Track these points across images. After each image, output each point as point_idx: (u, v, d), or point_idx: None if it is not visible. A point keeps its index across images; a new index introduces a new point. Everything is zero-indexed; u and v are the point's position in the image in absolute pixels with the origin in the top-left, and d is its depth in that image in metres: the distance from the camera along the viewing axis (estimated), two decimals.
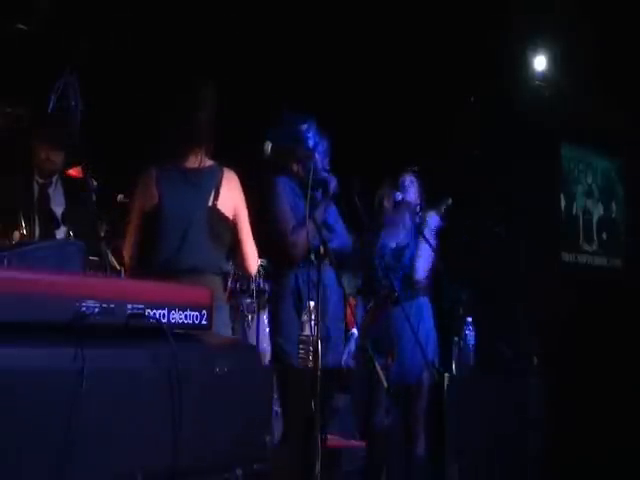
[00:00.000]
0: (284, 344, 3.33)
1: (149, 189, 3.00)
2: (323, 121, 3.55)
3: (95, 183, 3.42)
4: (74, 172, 3.48)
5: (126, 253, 3.06)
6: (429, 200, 4.35)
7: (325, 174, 3.35)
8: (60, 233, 3.37)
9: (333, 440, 4.60)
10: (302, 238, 3.21)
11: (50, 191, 3.48)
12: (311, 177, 3.26)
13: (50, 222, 3.38)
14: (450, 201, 4.41)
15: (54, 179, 3.51)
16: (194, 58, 4.84)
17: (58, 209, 3.46)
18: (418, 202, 4.23)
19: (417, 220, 4.14)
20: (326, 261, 3.14)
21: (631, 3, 5.04)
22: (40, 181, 3.47)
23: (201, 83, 3.11)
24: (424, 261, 4.15)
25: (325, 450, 2.92)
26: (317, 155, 3.42)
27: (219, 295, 3.09)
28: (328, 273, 3.29)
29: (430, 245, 4.02)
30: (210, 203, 3.04)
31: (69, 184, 3.50)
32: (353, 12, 4.87)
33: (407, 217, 4.19)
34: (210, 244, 3.04)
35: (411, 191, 4.22)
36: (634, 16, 5.09)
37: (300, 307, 3.32)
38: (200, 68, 4.72)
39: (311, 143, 3.43)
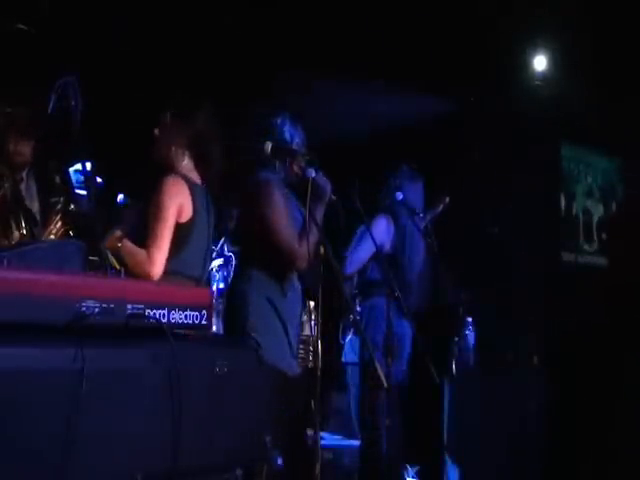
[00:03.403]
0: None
1: (185, 200, 2.90)
2: (322, 122, 3.54)
3: (100, 180, 3.38)
4: None
5: (159, 260, 2.80)
6: (428, 199, 4.35)
7: (312, 174, 3.12)
8: (38, 230, 3.32)
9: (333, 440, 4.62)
10: (306, 249, 3.06)
11: (22, 187, 3.42)
12: (290, 179, 3.26)
13: (29, 220, 3.33)
14: (447, 199, 4.41)
15: (24, 174, 3.45)
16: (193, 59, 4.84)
17: (34, 205, 3.41)
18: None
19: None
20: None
21: (631, 3, 5.03)
22: (11, 180, 3.40)
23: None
24: (356, 255, 4.10)
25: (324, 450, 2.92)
26: (295, 147, 3.29)
27: None
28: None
29: (374, 241, 3.75)
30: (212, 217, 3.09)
31: (42, 178, 3.44)
32: (350, 10, 4.86)
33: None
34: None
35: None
36: (634, 16, 5.08)
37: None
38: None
39: (287, 136, 3.32)
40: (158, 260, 2.79)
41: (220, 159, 3.05)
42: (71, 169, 3.42)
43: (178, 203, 2.87)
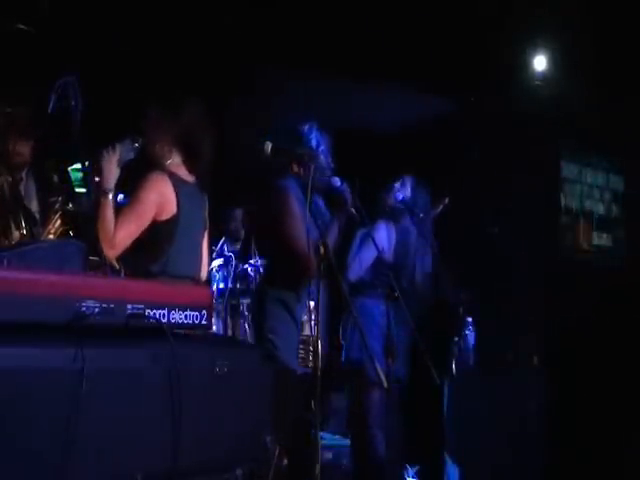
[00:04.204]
0: (280, 348, 3.28)
1: (167, 197, 2.87)
2: (324, 121, 3.55)
3: (97, 179, 3.37)
4: None
5: (120, 242, 2.77)
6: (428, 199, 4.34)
7: (337, 184, 3.34)
8: (37, 230, 3.32)
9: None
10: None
11: (21, 187, 3.43)
12: (313, 183, 3.22)
13: (29, 219, 3.33)
14: (447, 200, 4.41)
15: (23, 175, 3.45)
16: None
17: (32, 205, 3.42)
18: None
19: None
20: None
21: (631, 3, 5.03)
22: (9, 179, 3.41)
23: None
24: (358, 262, 4.07)
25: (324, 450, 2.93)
26: (321, 155, 3.41)
27: None
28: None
29: (376, 247, 3.77)
30: (205, 213, 3.09)
31: (40, 177, 3.44)
32: (350, 10, 4.86)
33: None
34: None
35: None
36: (634, 16, 5.08)
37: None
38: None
39: (314, 143, 3.43)
40: (119, 242, 2.75)
41: (209, 155, 3.01)
42: (70, 168, 3.42)
43: (158, 200, 2.83)
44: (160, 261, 2.84)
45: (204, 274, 3.19)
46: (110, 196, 2.79)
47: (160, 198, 2.84)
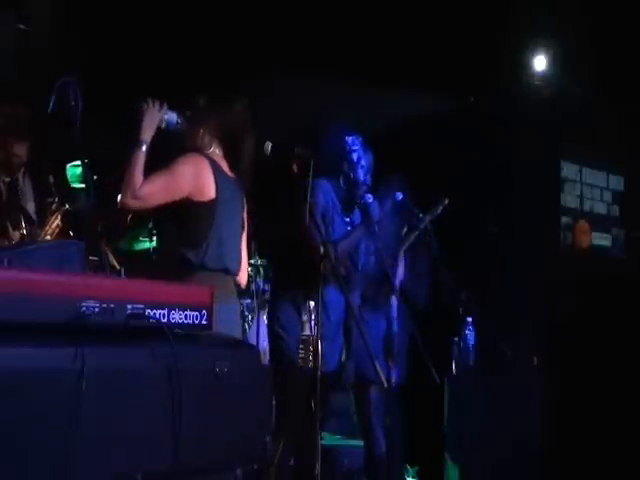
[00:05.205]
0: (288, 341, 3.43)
1: (205, 179, 2.83)
2: (322, 122, 3.58)
3: (95, 177, 3.37)
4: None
5: (143, 198, 2.71)
6: (428, 200, 4.33)
7: (369, 201, 3.56)
8: (34, 230, 3.33)
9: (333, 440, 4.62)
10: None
11: (18, 188, 3.43)
12: (350, 195, 3.65)
13: (26, 220, 3.34)
14: (447, 201, 4.40)
15: (20, 176, 3.46)
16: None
17: (29, 205, 3.42)
18: None
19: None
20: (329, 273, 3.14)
21: (631, 3, 5.03)
22: (7, 180, 3.41)
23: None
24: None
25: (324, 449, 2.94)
26: (360, 170, 3.64)
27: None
28: (331, 291, 3.39)
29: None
30: (244, 213, 3.08)
31: (36, 178, 3.45)
32: (350, 11, 4.86)
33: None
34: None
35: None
36: (634, 15, 5.09)
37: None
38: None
39: (355, 156, 3.62)
40: (144, 196, 2.70)
41: (250, 156, 3.01)
42: (68, 165, 3.42)
43: (194, 177, 2.78)
44: (200, 249, 2.78)
45: (244, 279, 3.14)
46: (144, 148, 2.74)
47: (196, 176, 2.80)
